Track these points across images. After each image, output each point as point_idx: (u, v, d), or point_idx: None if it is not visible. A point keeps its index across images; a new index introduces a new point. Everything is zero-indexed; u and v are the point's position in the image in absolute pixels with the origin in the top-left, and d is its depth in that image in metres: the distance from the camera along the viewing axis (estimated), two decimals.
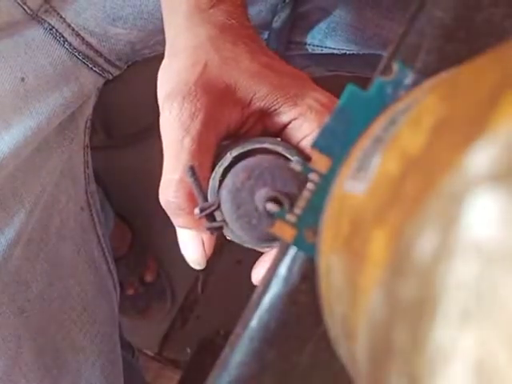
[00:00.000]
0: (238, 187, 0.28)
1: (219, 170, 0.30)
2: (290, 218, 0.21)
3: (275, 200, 0.26)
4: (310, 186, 0.21)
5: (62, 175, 0.42)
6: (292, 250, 0.22)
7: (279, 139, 0.31)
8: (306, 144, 0.30)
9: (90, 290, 0.45)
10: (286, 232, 0.21)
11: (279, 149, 0.30)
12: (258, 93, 0.30)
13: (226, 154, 0.30)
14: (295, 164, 0.21)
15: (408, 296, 0.12)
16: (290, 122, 0.31)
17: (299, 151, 0.30)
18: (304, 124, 0.30)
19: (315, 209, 0.20)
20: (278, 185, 0.27)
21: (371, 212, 0.15)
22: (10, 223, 0.38)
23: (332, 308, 0.17)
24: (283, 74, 0.32)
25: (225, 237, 0.31)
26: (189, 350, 0.70)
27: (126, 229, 0.84)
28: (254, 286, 0.24)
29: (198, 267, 0.33)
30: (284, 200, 0.25)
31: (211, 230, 0.29)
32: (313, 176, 0.21)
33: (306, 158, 0.29)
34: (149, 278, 0.85)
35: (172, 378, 0.66)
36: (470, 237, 0.11)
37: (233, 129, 0.31)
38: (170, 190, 0.30)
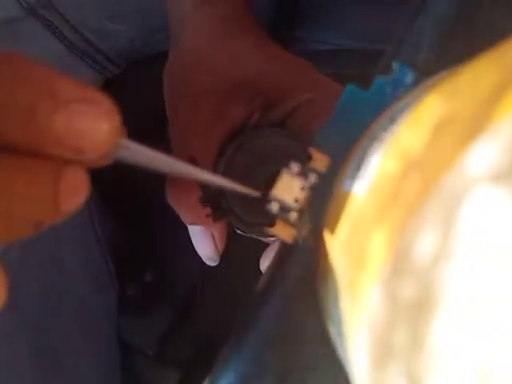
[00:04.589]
0: (240, 170, 0.29)
1: (222, 161, 0.30)
2: (290, 217, 0.21)
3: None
4: (309, 185, 0.21)
5: None
6: (292, 251, 0.22)
7: (280, 128, 0.31)
8: (308, 130, 0.30)
9: (88, 290, 0.44)
10: (285, 232, 0.21)
11: (280, 136, 0.30)
12: (262, 87, 0.30)
13: (227, 146, 0.30)
14: (293, 166, 0.21)
15: (408, 296, 0.12)
16: (292, 111, 0.31)
17: (301, 139, 0.30)
18: (308, 111, 0.30)
19: (315, 209, 0.20)
20: (281, 164, 0.28)
21: (371, 212, 0.15)
22: None
23: (332, 308, 0.17)
24: (287, 63, 0.32)
25: (233, 229, 0.31)
26: (189, 350, 0.70)
27: (125, 229, 0.83)
28: (254, 287, 0.24)
29: (212, 263, 0.33)
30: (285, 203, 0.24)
31: (216, 217, 0.29)
32: (312, 175, 0.21)
33: (307, 144, 0.30)
34: (149, 277, 0.85)
35: (172, 378, 0.66)
36: (469, 237, 0.11)
37: (238, 124, 0.31)
38: (178, 187, 0.30)
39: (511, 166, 0.11)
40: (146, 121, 0.39)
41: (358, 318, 0.14)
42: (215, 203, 0.29)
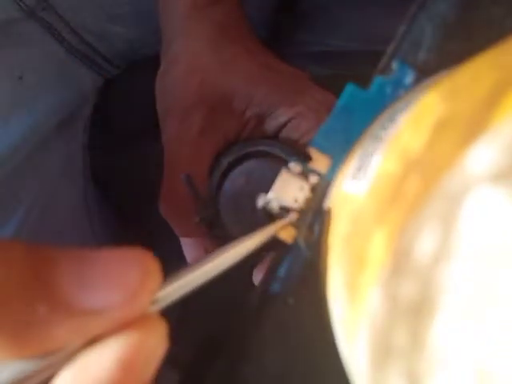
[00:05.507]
0: (237, 192, 0.28)
1: (215, 176, 0.30)
2: (290, 218, 0.21)
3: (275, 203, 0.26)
4: (309, 185, 0.21)
5: (61, 175, 0.42)
6: (292, 251, 0.22)
7: (275, 140, 0.31)
8: (303, 143, 0.30)
9: None
10: (285, 232, 0.21)
11: (276, 150, 0.30)
12: (255, 98, 0.30)
13: (220, 160, 0.30)
14: (293, 166, 0.21)
15: (408, 296, 0.12)
16: (287, 122, 0.30)
17: (297, 151, 0.30)
18: (302, 123, 0.30)
19: (315, 209, 0.20)
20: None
21: (371, 212, 0.15)
22: (8, 221, 0.38)
23: (332, 308, 0.17)
24: (280, 73, 0.32)
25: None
26: (189, 350, 0.69)
27: (125, 228, 0.83)
28: (255, 287, 0.24)
29: None
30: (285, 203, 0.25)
31: (212, 236, 0.29)
32: (312, 176, 0.21)
33: (304, 157, 0.30)
34: None
35: (172, 378, 0.66)
36: (470, 237, 0.11)
37: (232, 136, 0.31)
38: (171, 201, 0.30)
39: (511, 167, 0.11)
40: (145, 121, 0.39)
41: (358, 318, 0.14)
42: (211, 223, 0.29)
